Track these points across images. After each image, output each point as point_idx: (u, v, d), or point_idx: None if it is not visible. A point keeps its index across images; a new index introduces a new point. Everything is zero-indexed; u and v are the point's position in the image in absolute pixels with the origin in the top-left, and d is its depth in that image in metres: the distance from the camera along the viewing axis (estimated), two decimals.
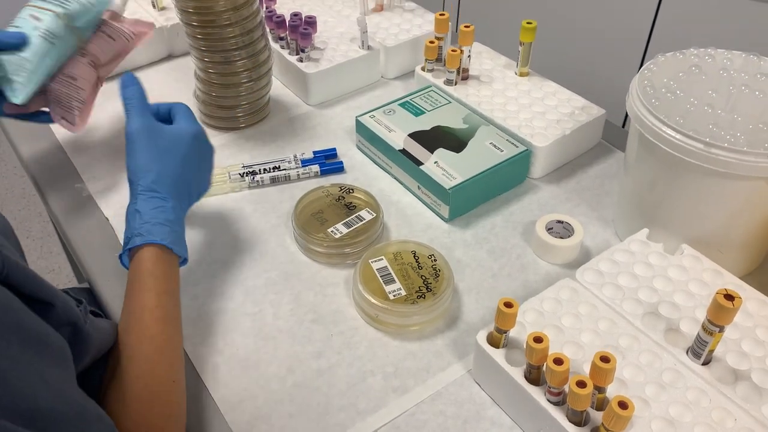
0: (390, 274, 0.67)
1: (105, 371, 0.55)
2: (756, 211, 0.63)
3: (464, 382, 0.61)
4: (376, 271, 0.67)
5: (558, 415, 0.52)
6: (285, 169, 0.83)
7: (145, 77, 1.00)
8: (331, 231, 0.72)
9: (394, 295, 0.65)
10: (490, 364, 0.57)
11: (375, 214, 0.74)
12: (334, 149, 0.86)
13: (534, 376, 0.54)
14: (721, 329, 0.53)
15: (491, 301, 0.68)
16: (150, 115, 0.66)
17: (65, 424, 0.40)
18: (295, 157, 0.84)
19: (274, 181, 0.82)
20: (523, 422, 0.57)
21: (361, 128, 0.85)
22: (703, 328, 0.53)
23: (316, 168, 0.83)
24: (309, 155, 0.85)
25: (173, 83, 0.99)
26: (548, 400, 0.53)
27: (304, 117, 0.93)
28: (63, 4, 0.72)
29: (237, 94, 0.87)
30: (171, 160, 0.64)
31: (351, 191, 0.77)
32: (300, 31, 0.91)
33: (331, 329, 0.65)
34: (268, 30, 0.92)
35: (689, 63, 0.68)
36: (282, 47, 0.96)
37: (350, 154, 0.87)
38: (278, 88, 0.98)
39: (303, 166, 0.83)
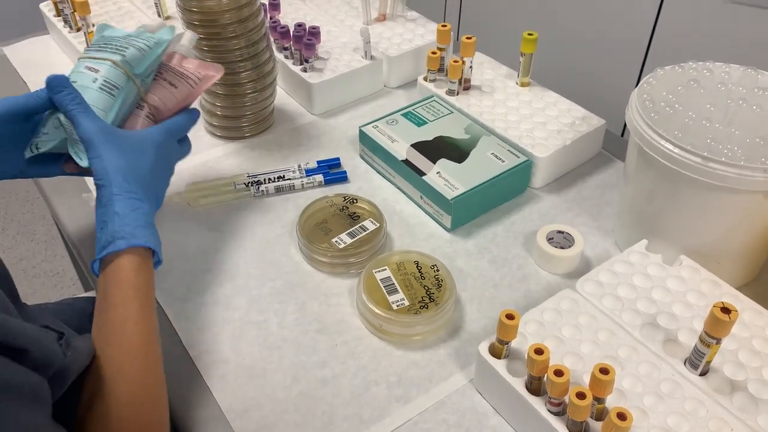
0: (393, 284, 0.68)
1: (81, 389, 0.52)
2: (753, 223, 0.64)
3: (466, 391, 0.62)
4: (379, 281, 0.68)
5: (558, 425, 0.53)
6: (289, 179, 0.84)
7: None
8: (335, 241, 0.73)
9: (397, 305, 0.66)
10: (491, 375, 0.58)
11: (378, 224, 0.75)
12: (338, 159, 0.87)
13: (535, 387, 0.55)
14: (718, 341, 0.54)
15: (493, 310, 0.69)
16: (99, 117, 0.62)
17: None
18: (299, 166, 0.85)
19: (279, 190, 0.83)
20: None
21: (364, 138, 0.86)
22: (701, 339, 0.54)
23: (320, 177, 0.84)
24: (313, 165, 0.86)
25: None
26: (549, 411, 0.54)
27: (308, 126, 0.94)
28: (119, 51, 0.65)
29: (242, 104, 0.88)
30: (138, 163, 0.62)
31: (355, 201, 0.78)
32: (304, 42, 0.92)
33: (336, 339, 0.67)
34: (272, 40, 0.93)
35: (688, 77, 0.69)
36: (286, 57, 0.97)
37: (354, 163, 0.88)
38: (282, 97, 1.00)
39: (307, 176, 0.84)
